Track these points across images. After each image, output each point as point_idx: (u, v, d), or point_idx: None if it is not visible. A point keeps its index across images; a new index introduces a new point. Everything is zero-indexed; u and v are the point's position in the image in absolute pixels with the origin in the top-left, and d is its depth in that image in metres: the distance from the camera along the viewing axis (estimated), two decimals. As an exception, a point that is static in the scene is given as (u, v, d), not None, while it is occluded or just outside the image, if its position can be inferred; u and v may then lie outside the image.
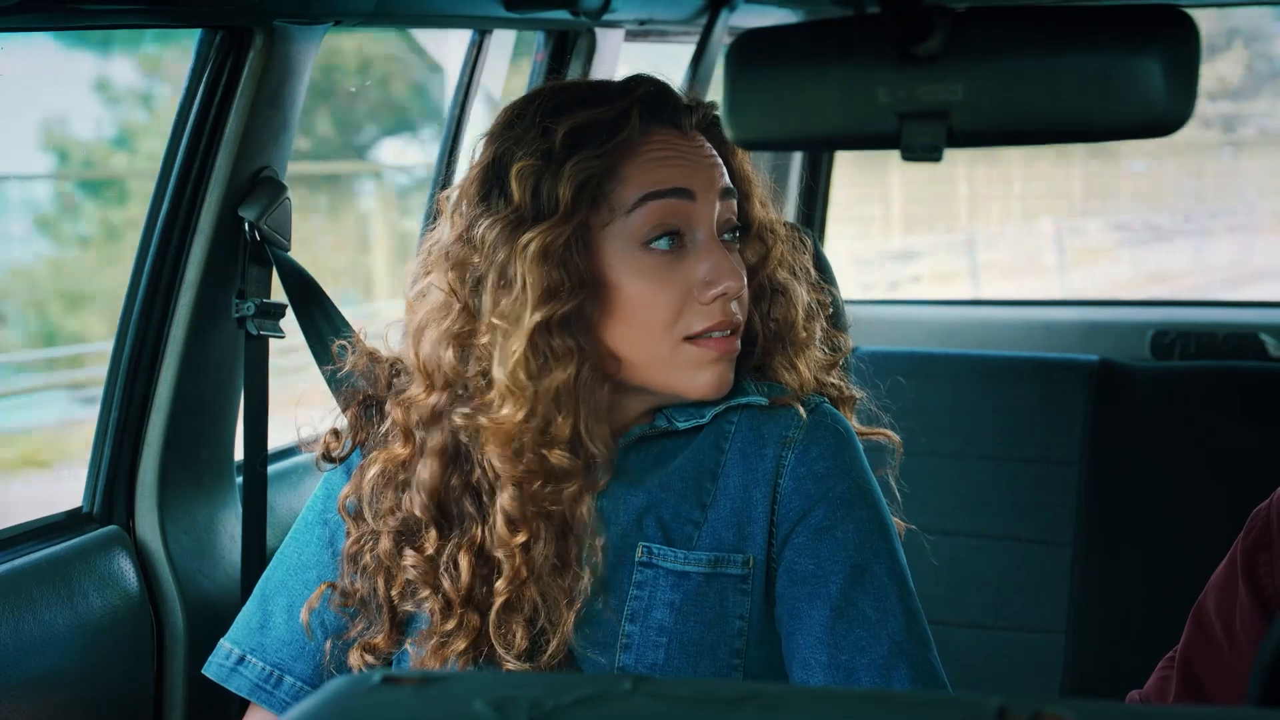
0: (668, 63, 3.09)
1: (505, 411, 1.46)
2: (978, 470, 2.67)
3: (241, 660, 1.63)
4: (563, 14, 2.34)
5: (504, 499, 1.48)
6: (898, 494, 1.62)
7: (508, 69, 2.82)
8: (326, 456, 1.64)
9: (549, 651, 1.49)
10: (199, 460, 2.06)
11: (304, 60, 2.00)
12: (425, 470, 1.52)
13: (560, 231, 1.46)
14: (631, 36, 2.84)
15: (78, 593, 1.85)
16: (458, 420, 1.50)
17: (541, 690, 0.76)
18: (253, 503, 2.05)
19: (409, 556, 1.53)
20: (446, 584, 1.51)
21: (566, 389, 1.46)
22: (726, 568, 1.52)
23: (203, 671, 1.65)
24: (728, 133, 1.25)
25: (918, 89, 1.10)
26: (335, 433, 1.65)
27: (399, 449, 1.55)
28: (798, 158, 3.50)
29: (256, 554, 2.04)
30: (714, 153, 1.54)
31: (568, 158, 1.47)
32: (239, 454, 2.10)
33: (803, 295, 1.62)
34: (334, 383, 1.75)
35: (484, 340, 1.48)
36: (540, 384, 1.45)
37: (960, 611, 2.61)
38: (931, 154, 1.10)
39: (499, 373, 1.46)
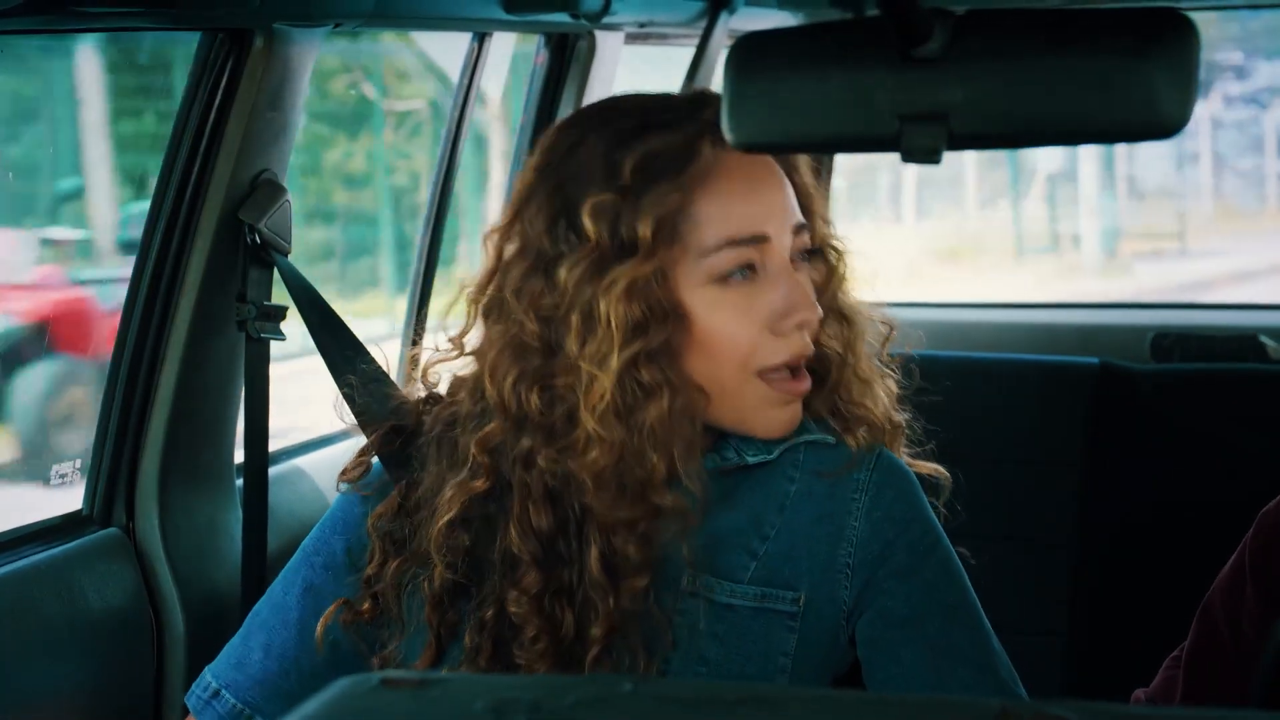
0: (668, 65, 3.09)
1: (592, 455, 1.42)
2: (978, 472, 2.66)
3: (217, 695, 1.60)
4: (562, 16, 2.34)
5: (602, 543, 1.44)
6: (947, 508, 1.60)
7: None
8: (346, 476, 1.61)
9: None
10: (199, 463, 2.05)
11: (304, 63, 2.00)
12: (529, 513, 1.46)
13: (645, 269, 1.41)
14: (631, 39, 2.84)
15: (78, 595, 1.85)
16: (542, 463, 1.45)
17: (541, 692, 0.76)
18: (253, 505, 2.05)
19: (512, 598, 1.46)
20: (548, 628, 1.45)
21: (660, 423, 1.41)
22: (775, 604, 1.48)
23: (185, 700, 1.63)
24: (728, 135, 1.23)
25: (917, 92, 1.10)
26: (361, 454, 1.61)
27: (478, 484, 1.48)
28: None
29: (256, 556, 2.03)
30: (783, 176, 1.49)
31: (644, 192, 1.42)
32: (239, 456, 2.10)
33: (868, 319, 1.57)
34: (350, 394, 1.73)
35: (563, 381, 1.44)
36: (632, 422, 1.41)
37: (960, 614, 2.60)
38: (931, 157, 1.10)
39: (586, 416, 1.42)
